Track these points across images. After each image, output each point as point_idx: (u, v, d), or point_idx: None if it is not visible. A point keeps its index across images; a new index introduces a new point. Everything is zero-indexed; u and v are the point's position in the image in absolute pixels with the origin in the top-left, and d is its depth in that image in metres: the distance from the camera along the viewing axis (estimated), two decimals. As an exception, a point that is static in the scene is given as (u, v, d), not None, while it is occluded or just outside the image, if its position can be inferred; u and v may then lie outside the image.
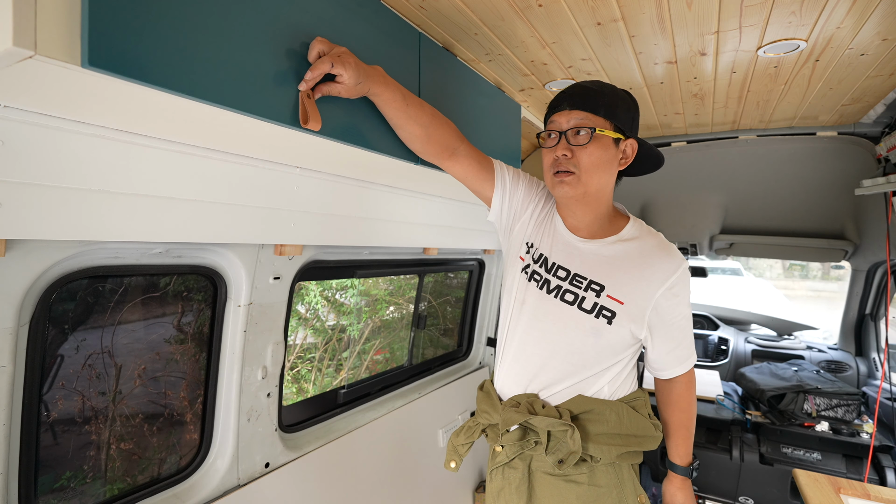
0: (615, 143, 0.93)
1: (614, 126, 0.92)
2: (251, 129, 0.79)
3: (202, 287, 1.15)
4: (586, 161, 0.90)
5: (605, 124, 0.91)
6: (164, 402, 1.12)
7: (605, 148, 0.91)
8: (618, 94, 0.94)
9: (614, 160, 0.93)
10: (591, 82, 0.95)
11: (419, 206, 1.49)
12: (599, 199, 0.96)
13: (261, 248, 1.15)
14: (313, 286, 2.75)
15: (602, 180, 0.93)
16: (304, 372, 2.88)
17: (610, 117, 0.91)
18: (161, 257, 0.99)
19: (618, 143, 0.93)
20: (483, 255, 2.23)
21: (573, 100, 0.92)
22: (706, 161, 2.12)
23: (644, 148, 0.97)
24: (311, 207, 1.14)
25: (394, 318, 3.01)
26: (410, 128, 0.95)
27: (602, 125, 0.90)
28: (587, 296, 0.94)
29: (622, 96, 0.95)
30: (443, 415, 1.94)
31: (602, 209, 0.97)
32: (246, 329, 1.16)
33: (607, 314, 0.92)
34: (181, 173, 0.85)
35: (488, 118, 1.42)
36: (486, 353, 2.40)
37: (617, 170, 0.95)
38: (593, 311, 0.93)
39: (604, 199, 0.96)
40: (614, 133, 0.91)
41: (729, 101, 1.65)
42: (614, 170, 0.94)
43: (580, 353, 0.94)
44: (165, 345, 1.12)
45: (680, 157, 2.16)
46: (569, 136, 0.91)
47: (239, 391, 1.17)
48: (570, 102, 0.92)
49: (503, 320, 1.06)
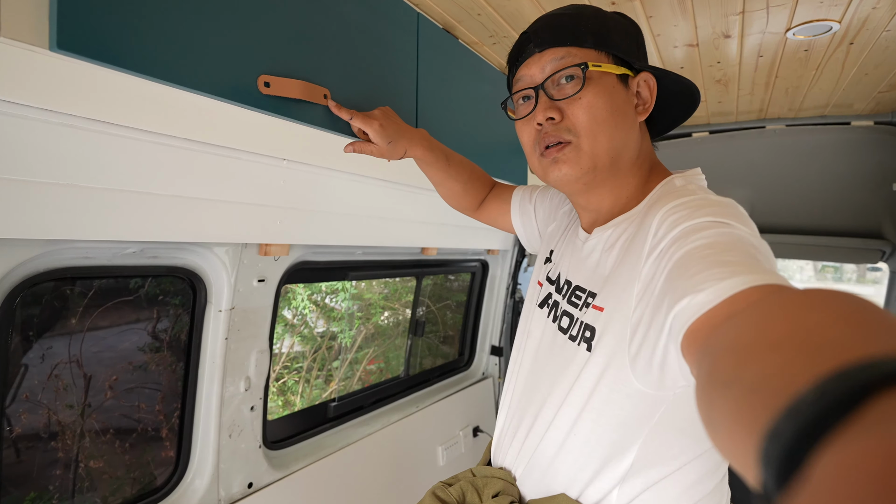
0: (622, 82, 0.68)
1: (614, 57, 0.68)
2: (233, 117, 0.79)
3: (180, 290, 1.15)
4: (585, 117, 0.65)
5: (600, 57, 0.67)
6: (137, 416, 1.12)
7: (610, 92, 0.66)
8: (606, 15, 0.70)
9: (627, 107, 0.68)
10: (564, 7, 0.71)
11: (417, 201, 1.49)
12: (619, 171, 0.70)
13: (244, 248, 1.15)
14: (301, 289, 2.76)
15: (616, 140, 0.67)
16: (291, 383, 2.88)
17: (603, 46, 0.67)
18: (135, 258, 0.99)
19: (626, 82, 0.69)
20: (486, 256, 2.23)
21: (543, 35, 0.68)
22: (730, 153, 2.12)
23: (667, 82, 0.72)
24: (299, 203, 1.14)
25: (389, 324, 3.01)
26: (450, 185, 1.02)
27: (595, 59, 0.66)
28: (581, 315, 0.69)
29: (612, 16, 0.71)
30: (443, 430, 1.94)
31: (629, 187, 0.71)
32: (227, 336, 1.16)
33: (587, 334, 0.66)
34: (157, 166, 0.85)
35: (492, 106, 1.42)
36: (489, 362, 2.40)
37: (636, 121, 0.70)
38: (578, 337, 0.68)
39: (626, 168, 0.70)
40: (617, 67, 0.67)
41: (755, 88, 1.66)
42: (631, 122, 0.69)
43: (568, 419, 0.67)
44: (139, 353, 1.12)
45: (701, 149, 2.16)
46: (549, 90, 0.68)
47: (219, 404, 1.17)
48: (538, 40, 0.69)
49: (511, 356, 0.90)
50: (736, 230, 0.50)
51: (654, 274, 0.56)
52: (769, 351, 0.28)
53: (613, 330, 0.62)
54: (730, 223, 0.51)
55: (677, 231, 0.54)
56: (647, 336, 0.56)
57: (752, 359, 0.29)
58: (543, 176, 0.72)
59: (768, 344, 0.29)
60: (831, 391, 0.20)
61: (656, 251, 0.57)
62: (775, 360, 0.27)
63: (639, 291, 0.59)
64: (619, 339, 0.61)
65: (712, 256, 0.46)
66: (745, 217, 0.54)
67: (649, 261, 0.58)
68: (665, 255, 0.54)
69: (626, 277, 0.62)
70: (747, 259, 0.45)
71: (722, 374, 0.31)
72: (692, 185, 0.66)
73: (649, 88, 0.71)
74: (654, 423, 0.61)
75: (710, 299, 0.41)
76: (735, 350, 0.31)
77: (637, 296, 0.59)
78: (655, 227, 0.58)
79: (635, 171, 0.72)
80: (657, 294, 0.54)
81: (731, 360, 0.31)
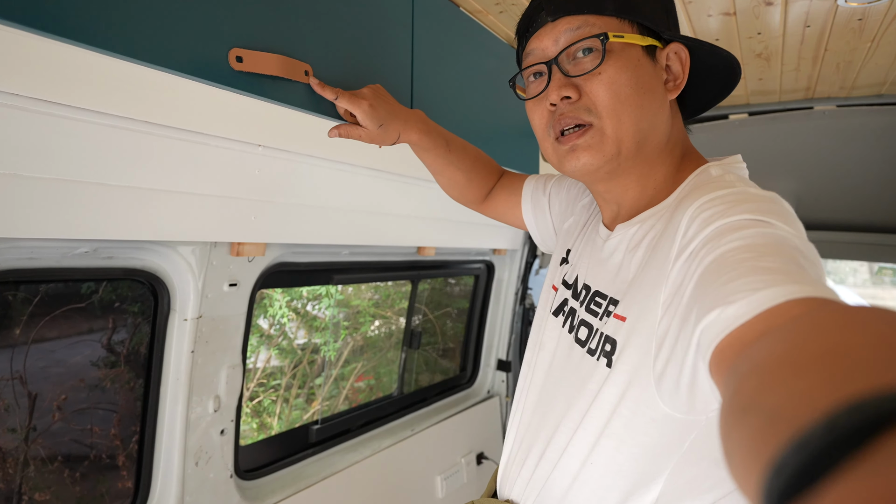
0: (649, 55, 0.67)
1: (639, 26, 0.67)
2: (199, 97, 0.79)
3: (139, 296, 1.15)
4: (606, 95, 0.65)
5: (623, 26, 0.66)
6: (89, 442, 1.12)
7: (634, 66, 0.66)
8: None
9: (655, 84, 0.68)
10: None
11: (413, 194, 1.49)
12: (646, 158, 0.69)
13: (213, 248, 1.14)
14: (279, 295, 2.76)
15: (643, 122, 0.66)
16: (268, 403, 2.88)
17: (627, 13, 0.66)
18: (87, 258, 0.99)
19: (653, 54, 0.68)
20: (492, 257, 2.23)
21: (556, 1, 0.68)
22: (772, 138, 2.12)
23: (701, 54, 0.71)
24: (277, 196, 1.14)
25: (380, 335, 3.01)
26: (451, 174, 1.02)
27: (617, 28, 0.66)
28: (600, 326, 0.69)
29: None
30: (442, 457, 1.94)
31: (657, 176, 0.71)
32: (194, 349, 1.16)
33: (607, 348, 0.66)
34: (112, 153, 0.84)
35: (499, 84, 1.42)
36: (495, 379, 2.40)
37: (665, 100, 0.69)
38: (597, 351, 0.68)
39: (653, 154, 0.70)
40: (642, 38, 0.66)
41: (801, 63, 1.65)
42: (660, 101, 0.68)
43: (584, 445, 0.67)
44: (92, 369, 1.12)
45: (739, 134, 2.16)
46: (564, 65, 0.68)
47: (185, 427, 1.17)
48: (551, 8, 0.68)
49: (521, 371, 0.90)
50: (778, 230, 0.50)
51: (682, 279, 0.55)
52: (794, 375, 0.28)
53: (636, 343, 0.61)
54: (771, 222, 0.51)
55: (710, 230, 0.53)
56: (674, 351, 0.55)
57: (775, 383, 0.29)
58: (558, 165, 0.71)
59: (795, 367, 0.29)
60: (841, 424, 0.21)
61: (686, 253, 0.56)
62: (798, 385, 0.27)
63: (665, 299, 0.58)
64: (642, 354, 0.60)
65: (749, 261, 0.46)
66: (790, 215, 0.53)
67: (678, 264, 0.57)
68: (695, 257, 0.54)
69: (652, 282, 0.61)
70: (790, 266, 0.44)
71: (742, 400, 0.31)
72: (731, 175, 0.64)
73: (681, 62, 0.70)
74: (683, 452, 0.60)
75: (743, 313, 0.41)
76: (759, 373, 0.32)
77: (664, 304, 0.58)
78: (686, 225, 0.58)
79: (664, 158, 0.71)
80: (685, 303, 0.53)
81: (754, 383, 0.31)
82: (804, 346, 0.30)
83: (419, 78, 1.15)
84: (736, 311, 0.41)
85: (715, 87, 0.77)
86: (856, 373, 0.25)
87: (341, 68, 0.94)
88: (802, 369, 0.28)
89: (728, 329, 0.41)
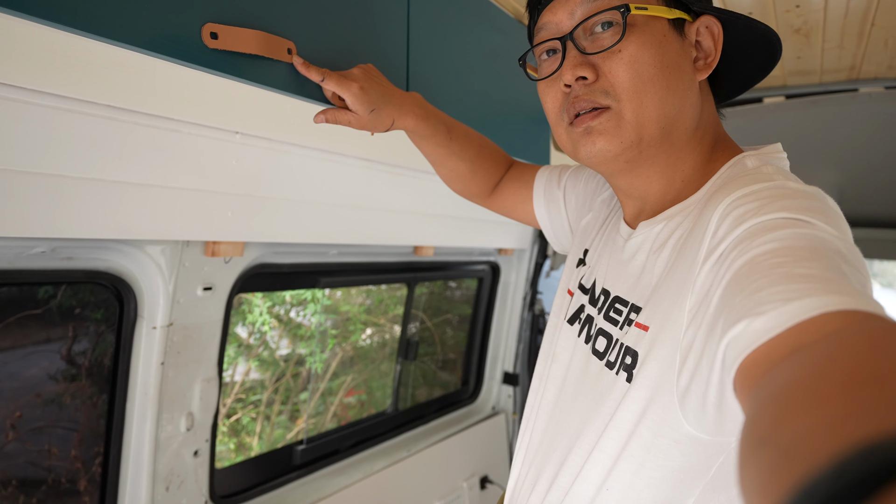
0: (676, 30, 0.67)
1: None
2: (169, 78, 0.79)
3: (102, 301, 1.15)
4: (627, 75, 0.65)
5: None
6: (47, 464, 1.12)
7: (659, 42, 0.65)
8: None
9: (683, 62, 0.67)
10: None
11: (409, 187, 1.49)
12: (673, 145, 0.69)
13: (185, 247, 1.14)
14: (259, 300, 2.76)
15: (669, 105, 0.66)
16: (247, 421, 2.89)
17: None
18: (44, 259, 0.98)
19: (681, 29, 0.68)
20: (497, 257, 2.22)
21: None
22: (812, 123, 2.12)
23: (736, 28, 0.70)
24: (256, 189, 1.14)
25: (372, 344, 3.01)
26: (453, 164, 1.01)
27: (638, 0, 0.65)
28: (621, 336, 0.69)
29: None
30: (441, 481, 1.94)
31: (685, 167, 0.71)
32: (164, 361, 1.16)
33: (627, 360, 0.66)
34: (72, 142, 0.84)
35: (505, 63, 1.41)
36: (501, 394, 2.40)
37: (694, 80, 0.69)
38: (617, 364, 0.68)
39: (681, 142, 0.69)
40: (668, 10, 0.66)
41: (845, 40, 1.65)
42: (688, 81, 0.68)
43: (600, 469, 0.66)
44: (50, 383, 1.11)
45: (776, 119, 2.16)
46: (580, 41, 0.67)
47: (154, 448, 1.17)
48: None
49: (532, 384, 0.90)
50: (818, 231, 0.49)
51: (710, 285, 0.55)
52: (814, 406, 0.28)
53: (659, 355, 0.61)
54: (811, 221, 0.50)
55: (742, 230, 0.53)
56: (699, 366, 0.55)
57: (793, 415, 0.29)
58: (573, 152, 0.71)
59: (816, 397, 0.29)
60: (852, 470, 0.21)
61: (715, 255, 0.55)
62: (816, 419, 0.27)
63: (692, 306, 0.57)
64: (665, 368, 0.60)
65: (782, 267, 0.45)
66: (833, 213, 0.53)
67: (706, 267, 0.56)
68: (725, 260, 0.53)
69: (678, 287, 0.60)
70: (829, 272, 0.43)
71: (758, 430, 0.31)
72: (769, 166, 0.64)
73: (713, 37, 0.69)
74: (710, 478, 0.60)
75: (772, 326, 0.40)
76: (779, 401, 0.32)
77: (689, 312, 0.57)
78: (716, 223, 0.57)
79: (694, 146, 0.70)
80: (712, 312, 0.53)
81: (772, 413, 0.31)
82: (830, 372, 0.30)
83: (416, 57, 1.15)
84: (764, 323, 0.41)
85: (751, 67, 0.76)
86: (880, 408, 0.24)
87: (328, 46, 0.94)
88: (823, 400, 0.28)
89: (755, 344, 0.41)
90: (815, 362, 0.33)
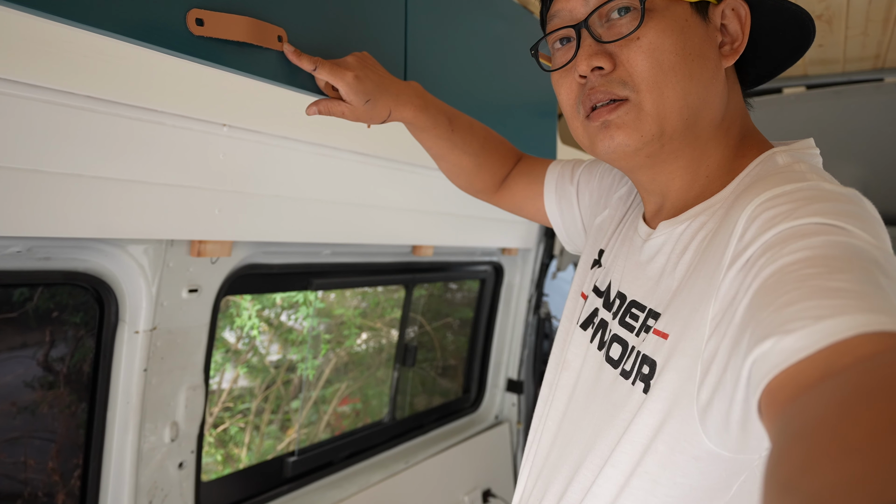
0: (699, 13, 0.67)
1: None
2: (153, 68, 0.79)
3: (82, 304, 1.15)
4: (646, 65, 0.64)
5: None
6: (23, 477, 1.12)
7: (681, 28, 0.65)
8: None
9: (708, 48, 0.67)
10: None
11: (406, 182, 1.49)
12: (697, 138, 0.68)
13: (169, 247, 1.14)
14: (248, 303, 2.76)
15: (692, 96, 0.65)
16: (235, 431, 2.89)
17: None
18: (20, 260, 0.98)
19: (705, 12, 0.67)
20: (501, 257, 2.22)
21: None
22: (835, 115, 2.12)
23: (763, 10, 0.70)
24: (245, 185, 1.14)
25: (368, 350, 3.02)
26: (456, 158, 1.01)
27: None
28: (637, 344, 0.69)
29: None
30: (441, 494, 1.94)
31: (710, 161, 0.70)
32: (147, 367, 1.16)
33: (645, 370, 0.66)
34: (49, 134, 0.84)
35: (509, 52, 1.41)
36: (505, 402, 2.40)
37: (720, 68, 0.68)
38: (633, 373, 0.68)
39: (706, 135, 0.69)
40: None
41: (870, 27, 1.65)
42: (713, 69, 0.67)
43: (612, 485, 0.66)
44: (26, 390, 1.11)
45: (796, 110, 2.16)
46: (596, 28, 0.67)
47: (136, 459, 1.16)
48: None
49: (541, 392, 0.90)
50: (855, 239, 0.48)
51: (736, 292, 0.54)
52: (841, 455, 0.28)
53: (679, 366, 0.60)
54: (847, 227, 0.48)
55: (771, 234, 0.52)
56: (721, 381, 0.54)
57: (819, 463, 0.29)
58: (591, 147, 0.71)
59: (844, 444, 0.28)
60: None
61: (741, 260, 0.54)
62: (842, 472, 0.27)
63: (715, 314, 0.57)
64: (685, 380, 0.59)
65: (815, 279, 0.44)
66: (871, 219, 0.52)
67: (731, 273, 0.55)
68: (752, 267, 0.52)
69: (700, 293, 0.60)
70: (866, 286, 0.42)
71: (785, 473, 0.31)
72: (802, 164, 0.63)
73: (739, 20, 0.69)
74: (730, 496, 0.59)
75: (802, 346, 0.40)
76: (806, 440, 0.32)
77: (712, 320, 0.57)
78: (743, 225, 0.56)
79: (720, 139, 0.70)
80: (738, 322, 0.52)
81: (799, 456, 0.31)
82: (860, 413, 0.30)
83: (414, 45, 1.15)
84: (794, 343, 0.40)
85: (781, 51, 0.76)
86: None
87: (321, 33, 0.94)
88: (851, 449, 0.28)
89: (783, 365, 0.40)
90: (845, 399, 0.33)
